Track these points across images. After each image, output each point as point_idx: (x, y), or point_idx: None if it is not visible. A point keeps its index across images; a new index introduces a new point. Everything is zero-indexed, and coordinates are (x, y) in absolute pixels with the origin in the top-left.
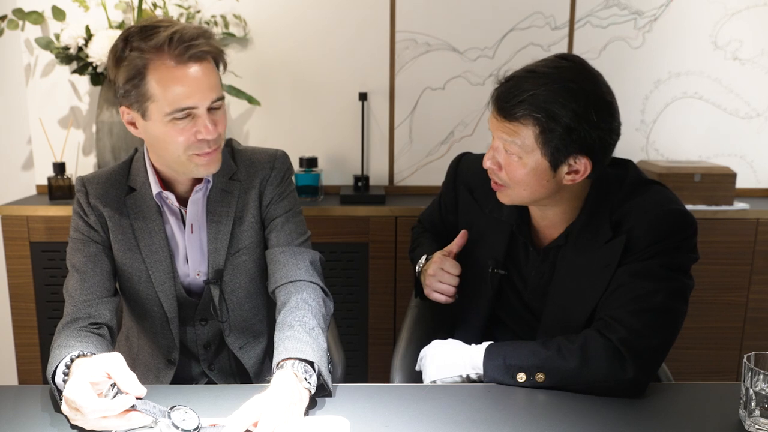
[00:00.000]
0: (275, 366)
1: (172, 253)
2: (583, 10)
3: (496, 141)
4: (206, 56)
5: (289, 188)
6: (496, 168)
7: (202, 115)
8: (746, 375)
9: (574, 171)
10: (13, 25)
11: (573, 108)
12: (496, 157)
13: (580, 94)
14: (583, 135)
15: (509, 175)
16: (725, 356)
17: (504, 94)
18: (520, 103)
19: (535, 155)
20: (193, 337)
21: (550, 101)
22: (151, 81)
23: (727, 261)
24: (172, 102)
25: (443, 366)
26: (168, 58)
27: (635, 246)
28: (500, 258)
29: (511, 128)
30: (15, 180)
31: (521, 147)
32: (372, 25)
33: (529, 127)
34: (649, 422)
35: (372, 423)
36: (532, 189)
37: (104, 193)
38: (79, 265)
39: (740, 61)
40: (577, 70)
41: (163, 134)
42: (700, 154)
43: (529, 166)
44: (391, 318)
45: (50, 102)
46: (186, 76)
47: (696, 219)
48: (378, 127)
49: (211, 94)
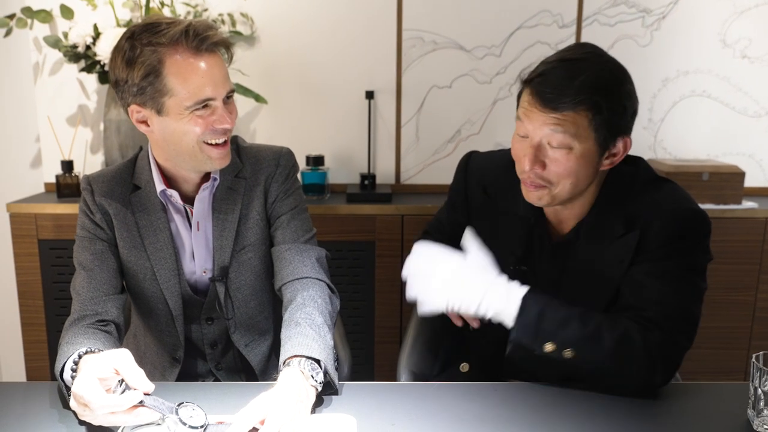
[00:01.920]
0: (282, 364)
1: (177, 250)
2: (590, 8)
3: (536, 137)
4: (219, 48)
5: (295, 185)
6: (539, 168)
7: (219, 106)
8: (755, 375)
9: (613, 154)
10: (21, 23)
11: (623, 86)
12: (539, 156)
13: (624, 74)
14: (629, 114)
15: (557, 171)
16: (733, 356)
17: (553, 84)
18: (575, 91)
19: (588, 142)
20: (199, 336)
21: (605, 85)
22: (168, 75)
23: (736, 260)
24: (193, 94)
25: (455, 290)
26: (185, 51)
27: (651, 243)
28: (519, 254)
29: (562, 119)
30: (23, 178)
31: (574, 136)
32: (379, 24)
33: (582, 113)
34: (657, 422)
35: (378, 421)
36: (578, 180)
37: (109, 191)
38: (85, 263)
39: (749, 59)
40: (607, 54)
41: (180, 127)
42: (709, 153)
43: (580, 155)
44: (398, 316)
45: (58, 100)
46: (204, 67)
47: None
48: (385, 126)
49: (226, 85)
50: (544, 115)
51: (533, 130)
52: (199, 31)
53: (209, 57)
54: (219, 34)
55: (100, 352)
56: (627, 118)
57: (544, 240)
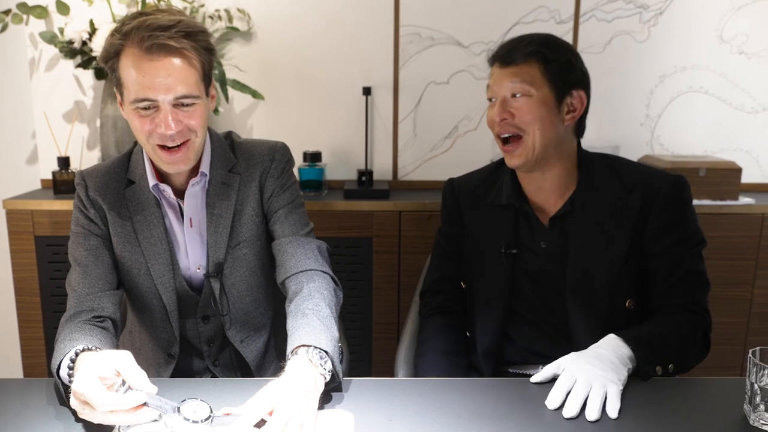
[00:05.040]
0: (289, 353)
1: (171, 246)
2: (588, 4)
3: (501, 93)
4: (174, 50)
5: (290, 180)
6: (508, 117)
7: (164, 109)
8: (751, 370)
9: (572, 108)
10: (17, 19)
11: (566, 46)
12: (505, 107)
13: (568, 44)
14: (578, 69)
15: (522, 118)
16: (730, 351)
17: (507, 47)
18: (524, 47)
19: (543, 89)
20: (195, 334)
21: (547, 42)
22: (121, 67)
23: (732, 256)
24: (135, 91)
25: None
26: (134, 46)
27: (660, 199)
28: (510, 239)
29: (518, 70)
30: (20, 174)
31: (531, 84)
32: (376, 20)
33: (534, 65)
34: (654, 417)
35: (376, 417)
36: (543, 129)
37: (103, 186)
38: (80, 259)
39: (746, 55)
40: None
41: (131, 120)
42: (706, 149)
43: (540, 101)
44: (395, 312)
45: (54, 96)
46: (148, 66)
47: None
48: (382, 122)
49: (174, 90)
50: (504, 71)
51: (498, 89)
52: (152, 27)
53: (158, 57)
54: (176, 36)
55: (98, 350)
56: (577, 74)
57: (531, 220)
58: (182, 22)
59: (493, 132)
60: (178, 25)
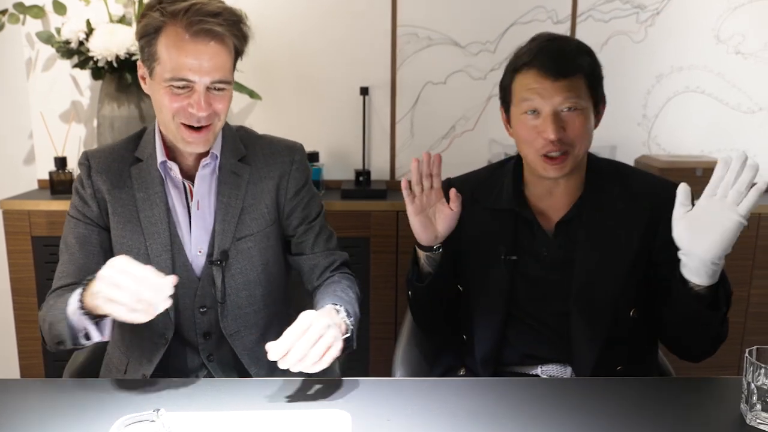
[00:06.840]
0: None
1: (172, 225)
2: (585, 4)
3: (550, 107)
4: (219, 36)
5: (312, 188)
6: (563, 133)
7: (199, 91)
8: (748, 369)
9: (597, 119)
10: (14, 19)
11: (597, 60)
12: (559, 123)
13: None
14: (602, 80)
15: (576, 133)
16: (727, 351)
17: (553, 58)
18: (572, 58)
19: (589, 103)
20: (191, 325)
21: (586, 49)
22: (160, 43)
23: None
24: (173, 69)
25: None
26: (180, 27)
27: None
28: (509, 245)
29: (570, 84)
30: (16, 174)
31: (582, 97)
32: (373, 20)
33: (581, 77)
34: (651, 416)
35: (373, 417)
36: (587, 143)
37: (107, 166)
38: (69, 245)
39: (743, 55)
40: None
41: (160, 96)
42: (702, 149)
43: (587, 116)
44: (393, 312)
45: (51, 96)
46: (192, 48)
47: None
48: (379, 122)
49: (212, 74)
50: (556, 84)
51: (545, 102)
52: (202, 12)
53: (204, 41)
54: (225, 23)
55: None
56: (602, 83)
57: (533, 226)
58: (227, 9)
59: (535, 147)
60: (224, 12)
